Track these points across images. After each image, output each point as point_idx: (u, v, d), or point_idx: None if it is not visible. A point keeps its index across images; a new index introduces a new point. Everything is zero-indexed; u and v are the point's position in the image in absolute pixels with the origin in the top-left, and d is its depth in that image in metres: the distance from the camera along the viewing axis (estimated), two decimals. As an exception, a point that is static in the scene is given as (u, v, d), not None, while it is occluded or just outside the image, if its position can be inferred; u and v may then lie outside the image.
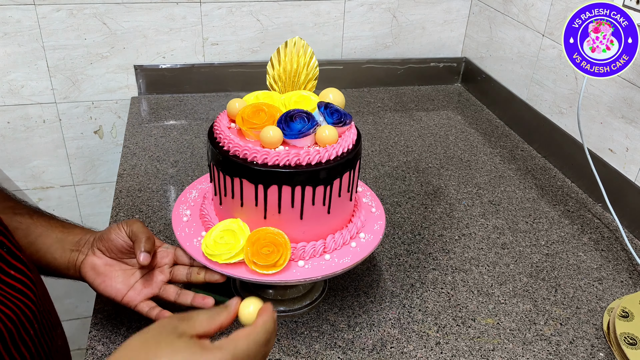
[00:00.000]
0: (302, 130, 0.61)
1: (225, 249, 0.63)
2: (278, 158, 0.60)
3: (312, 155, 0.61)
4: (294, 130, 0.61)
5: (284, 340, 0.69)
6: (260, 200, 0.62)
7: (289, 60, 0.70)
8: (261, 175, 0.61)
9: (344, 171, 0.64)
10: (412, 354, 0.68)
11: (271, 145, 0.61)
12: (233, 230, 0.64)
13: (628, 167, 0.96)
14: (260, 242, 0.62)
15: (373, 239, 0.70)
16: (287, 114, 0.63)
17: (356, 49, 1.42)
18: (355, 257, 0.66)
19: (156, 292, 0.65)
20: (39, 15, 1.18)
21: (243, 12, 1.29)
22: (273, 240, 0.62)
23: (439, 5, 1.42)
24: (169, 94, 1.34)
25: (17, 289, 0.52)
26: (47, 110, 1.28)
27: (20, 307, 0.51)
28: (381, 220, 0.73)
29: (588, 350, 0.70)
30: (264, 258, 0.61)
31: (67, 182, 1.38)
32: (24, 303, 0.52)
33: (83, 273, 0.64)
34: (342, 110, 0.65)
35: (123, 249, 0.64)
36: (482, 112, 1.36)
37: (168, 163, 1.06)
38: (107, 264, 0.64)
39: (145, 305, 0.64)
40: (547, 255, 0.87)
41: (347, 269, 0.66)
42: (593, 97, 1.02)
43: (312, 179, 0.61)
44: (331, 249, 0.66)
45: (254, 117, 0.63)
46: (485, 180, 1.07)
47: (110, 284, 0.64)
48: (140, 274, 0.66)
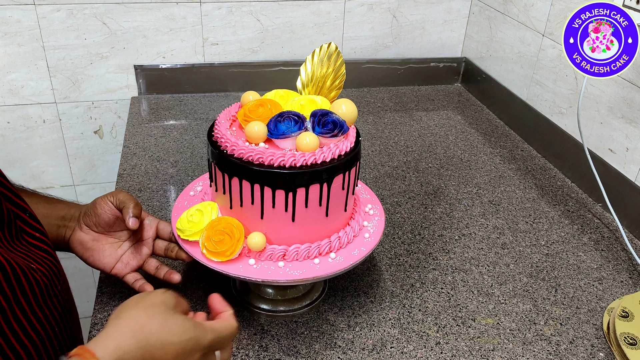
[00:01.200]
0: (285, 132, 0.62)
1: (189, 226, 0.65)
2: (262, 157, 0.61)
3: (297, 158, 0.61)
4: (279, 130, 0.62)
5: (284, 340, 0.69)
6: (257, 199, 0.62)
7: (318, 64, 0.70)
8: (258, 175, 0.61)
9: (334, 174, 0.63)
10: (412, 354, 0.68)
11: (254, 140, 0.63)
12: (202, 212, 0.66)
13: (628, 167, 0.96)
14: (216, 228, 0.64)
15: (374, 236, 0.70)
16: (281, 114, 0.63)
17: (356, 49, 1.42)
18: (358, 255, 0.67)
19: (141, 264, 0.70)
20: (39, 15, 1.18)
21: (243, 12, 1.29)
22: (229, 230, 0.64)
23: (439, 5, 1.42)
24: (169, 94, 1.34)
25: (42, 249, 0.55)
26: (47, 110, 1.28)
27: (47, 264, 0.54)
28: (379, 213, 0.73)
29: (588, 350, 0.70)
30: (213, 245, 0.63)
31: (67, 182, 1.38)
32: (49, 261, 0.55)
33: (72, 248, 0.68)
34: (340, 122, 0.63)
35: (110, 222, 0.67)
36: (482, 112, 1.36)
37: (168, 163, 1.06)
38: (95, 239, 0.68)
39: (132, 277, 0.69)
40: (547, 255, 0.87)
41: (354, 265, 0.66)
42: (593, 97, 1.02)
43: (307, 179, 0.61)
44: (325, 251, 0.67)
45: (253, 110, 0.65)
46: (485, 180, 1.07)
47: (98, 257, 0.67)
48: (126, 246, 0.69)
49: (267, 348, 0.67)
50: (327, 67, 0.70)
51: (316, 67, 0.70)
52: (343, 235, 0.67)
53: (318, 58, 0.70)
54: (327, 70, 0.70)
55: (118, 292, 0.74)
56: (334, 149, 0.63)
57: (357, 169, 0.68)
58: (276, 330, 0.70)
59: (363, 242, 0.69)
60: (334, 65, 0.70)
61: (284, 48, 1.37)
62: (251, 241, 0.63)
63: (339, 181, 0.64)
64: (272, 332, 0.70)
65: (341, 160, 0.63)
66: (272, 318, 0.72)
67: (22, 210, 0.55)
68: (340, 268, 0.65)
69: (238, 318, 0.71)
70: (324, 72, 0.70)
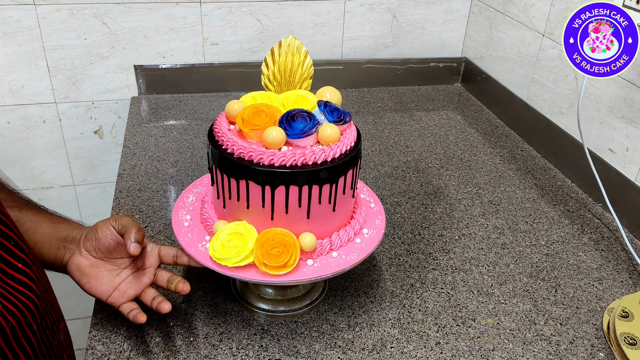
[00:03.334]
0: (304, 129, 0.61)
1: (234, 252, 0.62)
2: (284, 159, 0.60)
3: (318, 154, 0.61)
4: (296, 130, 0.61)
5: (284, 340, 0.69)
6: (268, 201, 0.62)
7: (283, 60, 0.70)
8: (268, 177, 0.61)
9: (348, 168, 0.64)
10: (412, 354, 0.68)
11: (275, 146, 0.61)
12: (240, 233, 0.64)
13: (628, 167, 0.95)
14: (269, 243, 0.62)
15: (376, 234, 0.70)
16: (288, 113, 0.63)
17: (356, 49, 1.42)
18: (362, 252, 0.67)
19: (139, 293, 0.66)
20: (39, 15, 1.18)
21: (243, 12, 1.29)
22: (282, 240, 0.62)
23: (439, 5, 1.42)
24: (169, 94, 1.34)
25: (22, 282, 0.52)
26: (47, 110, 1.28)
27: (23, 301, 0.51)
28: (381, 215, 0.74)
29: (588, 350, 0.70)
30: (274, 259, 0.61)
31: (67, 182, 1.38)
32: (27, 297, 0.52)
33: (69, 272, 0.65)
34: (341, 109, 0.66)
35: (111, 247, 0.65)
36: (482, 112, 1.36)
37: (168, 163, 1.06)
38: (93, 264, 0.65)
39: (127, 307, 0.65)
40: (547, 255, 0.87)
41: (355, 265, 0.66)
42: (593, 97, 1.02)
43: (318, 177, 0.62)
44: (337, 246, 0.67)
45: (254, 118, 0.63)
46: (485, 180, 1.07)
47: (95, 284, 0.65)
48: (125, 275, 0.67)
49: (267, 348, 0.67)
50: (292, 61, 0.70)
51: (281, 64, 0.70)
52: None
53: (279, 54, 0.70)
54: (293, 63, 0.70)
55: (118, 292, 0.74)
56: (349, 136, 0.64)
57: (358, 167, 0.68)
58: (276, 330, 0.70)
59: (363, 242, 0.69)
60: (299, 58, 0.70)
61: (284, 48, 1.36)
62: (304, 241, 0.63)
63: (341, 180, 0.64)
64: (272, 332, 0.70)
65: (343, 159, 0.63)
66: (272, 318, 0.72)
67: (7, 239, 0.52)
68: (340, 268, 0.65)
69: (238, 318, 0.71)
70: (290, 67, 0.70)
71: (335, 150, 0.62)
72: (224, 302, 0.74)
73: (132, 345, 0.67)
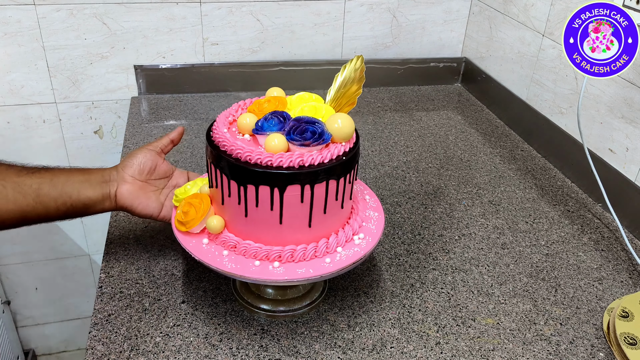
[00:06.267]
0: (264, 129, 0.63)
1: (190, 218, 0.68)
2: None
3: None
4: (261, 127, 0.63)
5: (284, 340, 0.69)
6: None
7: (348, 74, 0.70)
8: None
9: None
10: (412, 354, 0.68)
11: (242, 130, 0.65)
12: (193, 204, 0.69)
13: (628, 167, 0.96)
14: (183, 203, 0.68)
15: (375, 234, 0.70)
16: (273, 112, 0.64)
17: (356, 49, 1.42)
18: (361, 253, 0.67)
19: None
20: (39, 15, 1.18)
21: (243, 12, 1.29)
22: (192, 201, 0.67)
23: (439, 5, 1.42)
24: (169, 94, 1.34)
25: None
26: (47, 110, 1.28)
27: None
28: (381, 215, 0.74)
29: (588, 350, 0.70)
30: (181, 216, 0.67)
31: (67, 182, 1.38)
32: None
33: (120, 201, 0.72)
34: (320, 135, 0.62)
35: (152, 169, 0.74)
36: (482, 112, 1.36)
37: (168, 163, 1.06)
38: (141, 187, 0.73)
39: None
40: (547, 255, 0.87)
41: (354, 265, 0.66)
42: (593, 97, 1.02)
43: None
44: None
45: (261, 104, 0.67)
46: (485, 180, 1.07)
47: (147, 204, 0.73)
48: (166, 193, 0.75)
49: (267, 348, 0.67)
50: (351, 83, 0.69)
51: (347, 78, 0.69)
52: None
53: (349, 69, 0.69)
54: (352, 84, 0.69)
55: (118, 292, 0.74)
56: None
57: (356, 169, 0.68)
58: (276, 330, 0.70)
59: (363, 242, 0.69)
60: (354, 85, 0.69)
61: (284, 48, 1.37)
62: (211, 223, 0.66)
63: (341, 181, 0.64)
64: (272, 332, 0.70)
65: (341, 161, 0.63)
66: (272, 318, 0.72)
67: None
68: (340, 268, 0.65)
69: (238, 318, 0.71)
70: (344, 88, 0.69)
71: (333, 152, 0.62)
72: (224, 302, 0.74)
73: (132, 345, 0.67)
